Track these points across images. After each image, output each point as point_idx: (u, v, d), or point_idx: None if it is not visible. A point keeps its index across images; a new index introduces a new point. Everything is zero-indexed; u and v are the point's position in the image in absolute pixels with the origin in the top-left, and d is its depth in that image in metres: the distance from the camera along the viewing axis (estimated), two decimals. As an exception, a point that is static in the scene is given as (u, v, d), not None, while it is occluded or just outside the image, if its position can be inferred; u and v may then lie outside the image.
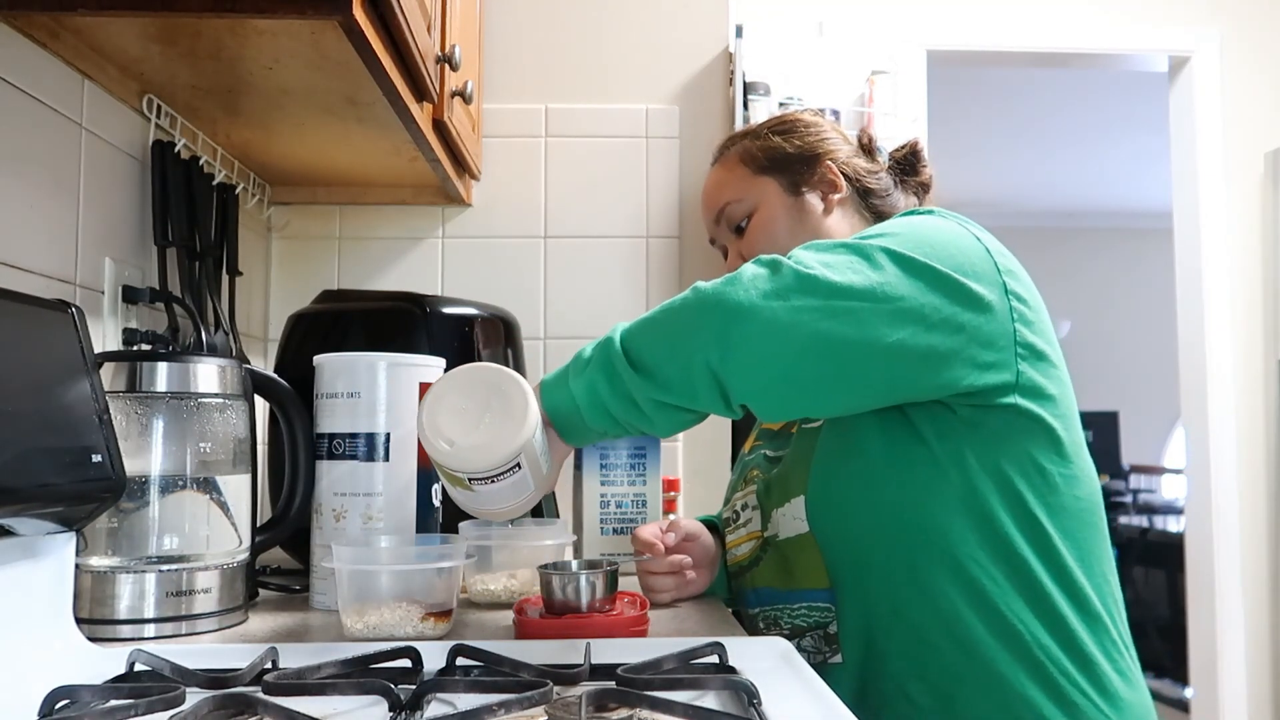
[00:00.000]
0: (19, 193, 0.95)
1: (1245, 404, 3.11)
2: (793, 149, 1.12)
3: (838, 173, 1.11)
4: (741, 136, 1.18)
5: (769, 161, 1.13)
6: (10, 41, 0.93)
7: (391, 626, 0.86)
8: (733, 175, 1.15)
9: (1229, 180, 3.14)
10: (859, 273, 0.83)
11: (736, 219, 1.14)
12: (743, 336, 0.80)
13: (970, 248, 0.90)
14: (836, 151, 1.12)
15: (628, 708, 0.61)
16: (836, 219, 1.11)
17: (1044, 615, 0.88)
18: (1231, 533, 3.06)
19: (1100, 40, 3.13)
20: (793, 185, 1.11)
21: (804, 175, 1.11)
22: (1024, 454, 0.90)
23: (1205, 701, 3.08)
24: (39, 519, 0.75)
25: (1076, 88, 4.38)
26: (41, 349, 0.76)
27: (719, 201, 1.16)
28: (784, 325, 0.80)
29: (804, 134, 1.14)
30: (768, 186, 1.12)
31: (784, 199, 1.11)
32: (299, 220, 1.70)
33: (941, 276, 0.85)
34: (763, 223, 1.12)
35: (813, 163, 1.11)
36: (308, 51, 1.02)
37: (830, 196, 1.11)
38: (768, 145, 1.14)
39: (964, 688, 0.88)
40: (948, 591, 0.88)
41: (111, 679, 0.68)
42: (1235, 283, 3.13)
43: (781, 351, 0.80)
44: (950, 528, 0.89)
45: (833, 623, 0.94)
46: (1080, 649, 0.89)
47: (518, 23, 1.75)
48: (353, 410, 0.99)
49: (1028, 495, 0.90)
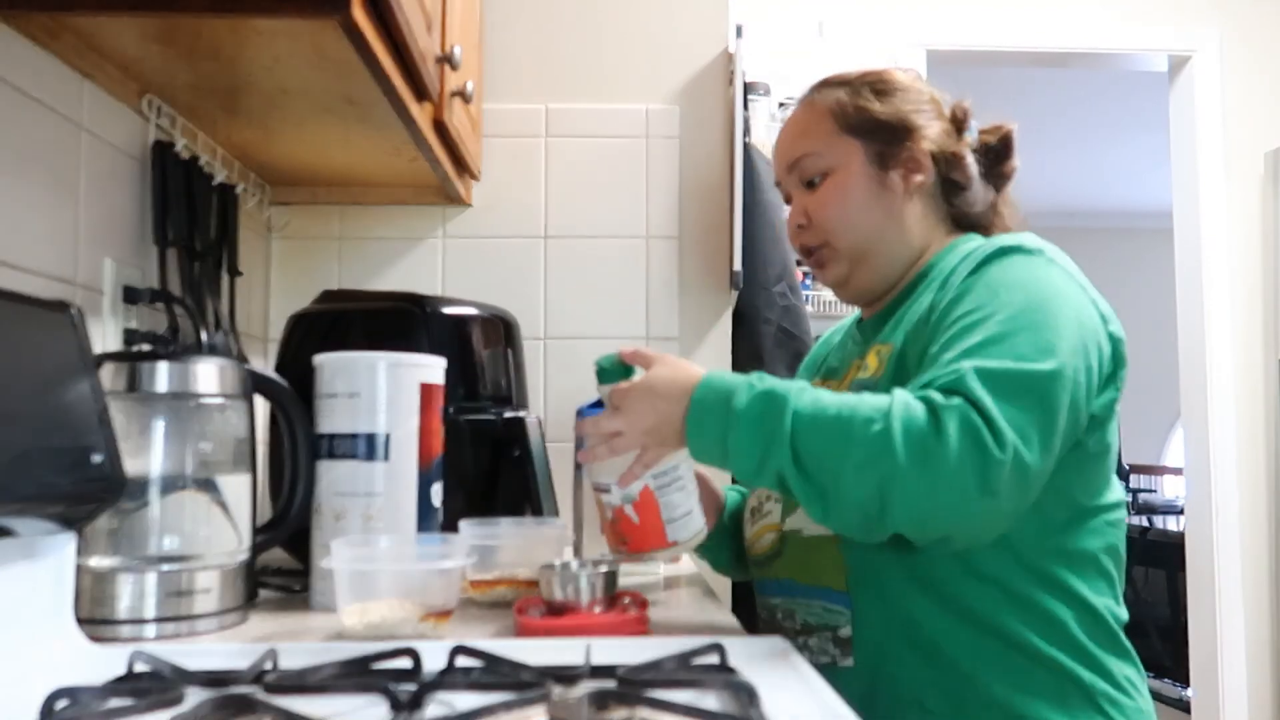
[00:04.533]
0: (19, 193, 0.95)
1: (1245, 404, 3.11)
2: (886, 116, 1.03)
3: (925, 154, 1.02)
4: (836, 84, 1.07)
5: (859, 122, 1.03)
6: (10, 41, 0.93)
7: (391, 626, 0.86)
8: (819, 126, 1.05)
9: (1229, 180, 3.14)
10: (1047, 447, 0.82)
11: (811, 173, 1.05)
12: (941, 520, 0.81)
13: (1092, 323, 0.90)
14: (928, 128, 1.03)
15: (628, 708, 0.61)
16: (913, 205, 1.03)
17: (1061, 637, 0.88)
18: (1231, 533, 3.06)
19: (1100, 40, 3.13)
20: (879, 156, 1.03)
21: (892, 148, 1.03)
22: (1060, 482, 0.88)
23: (1205, 701, 3.08)
24: (39, 519, 0.75)
25: (1076, 88, 4.38)
26: (41, 349, 0.76)
27: (796, 150, 1.06)
28: (978, 519, 0.82)
29: (901, 100, 1.04)
30: (853, 150, 1.03)
31: (867, 169, 1.03)
32: (299, 220, 1.70)
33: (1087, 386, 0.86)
34: (839, 188, 1.03)
35: (903, 136, 1.03)
36: (307, 51, 1.02)
37: (912, 178, 1.03)
38: (860, 104, 1.04)
39: (977, 700, 0.87)
40: (969, 606, 0.88)
41: (112, 679, 0.68)
42: (1235, 283, 3.13)
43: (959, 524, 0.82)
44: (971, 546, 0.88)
45: (845, 626, 0.92)
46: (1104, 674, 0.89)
47: (518, 23, 1.75)
48: (353, 410, 0.99)
49: (1056, 519, 0.89)
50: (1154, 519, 4.81)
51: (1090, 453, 0.91)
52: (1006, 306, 0.86)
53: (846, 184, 1.03)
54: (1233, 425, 3.10)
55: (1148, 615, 3.91)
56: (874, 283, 1.05)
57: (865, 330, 1.08)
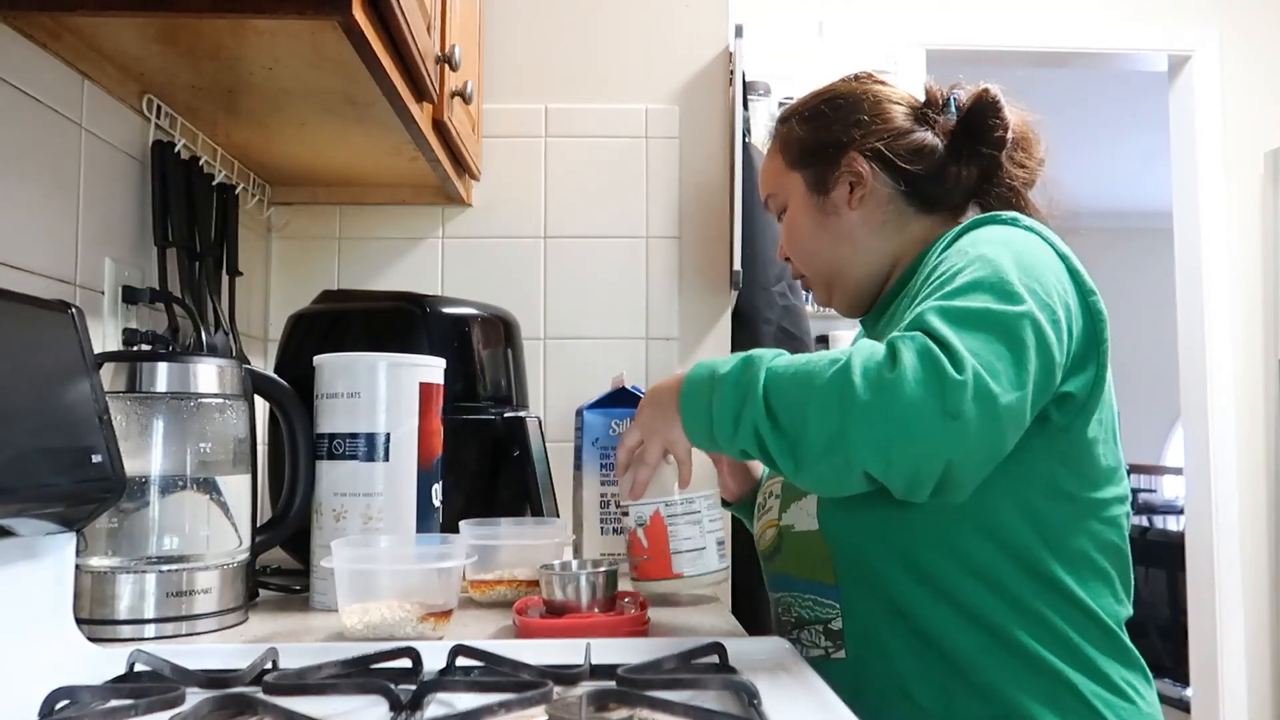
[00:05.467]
0: (19, 193, 0.95)
1: (1245, 404, 3.11)
2: (816, 140, 1.04)
3: (864, 165, 1.02)
4: (784, 118, 1.10)
5: (797, 154, 1.06)
6: (10, 41, 0.93)
7: (391, 626, 0.86)
8: (772, 164, 1.10)
9: (1229, 180, 3.14)
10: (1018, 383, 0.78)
11: (775, 211, 1.11)
12: (905, 452, 0.77)
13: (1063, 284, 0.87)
14: (867, 136, 1.02)
15: (628, 708, 0.61)
16: (867, 215, 1.03)
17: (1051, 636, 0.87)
18: (1231, 533, 3.06)
19: (1100, 40, 3.13)
20: (818, 182, 1.04)
21: (827, 169, 1.03)
22: (1045, 470, 0.87)
23: (1205, 701, 3.08)
24: (39, 519, 0.75)
25: (1076, 87, 4.38)
26: (41, 349, 0.76)
27: (763, 191, 1.12)
28: (944, 445, 0.76)
29: (830, 119, 1.04)
30: (795, 183, 1.06)
31: (808, 199, 1.05)
32: (299, 220, 1.70)
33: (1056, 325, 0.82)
34: (790, 223, 1.08)
35: (834, 154, 1.03)
36: (307, 51, 1.02)
37: (856, 192, 1.02)
38: (794, 135, 1.07)
39: (966, 694, 0.87)
40: (956, 599, 0.88)
41: (111, 679, 0.68)
42: (1235, 283, 3.13)
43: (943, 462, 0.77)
44: (958, 538, 0.87)
45: (836, 619, 0.93)
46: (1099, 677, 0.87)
47: (518, 23, 1.75)
48: (353, 410, 0.99)
49: (1044, 510, 0.88)
50: (1154, 519, 4.81)
51: (1073, 438, 0.88)
52: (974, 262, 0.85)
53: (795, 218, 1.07)
54: (1233, 425, 3.09)
55: (1148, 615, 3.92)
56: (853, 298, 1.07)
57: (867, 326, 1.11)
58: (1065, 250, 0.91)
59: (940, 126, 1.03)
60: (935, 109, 1.04)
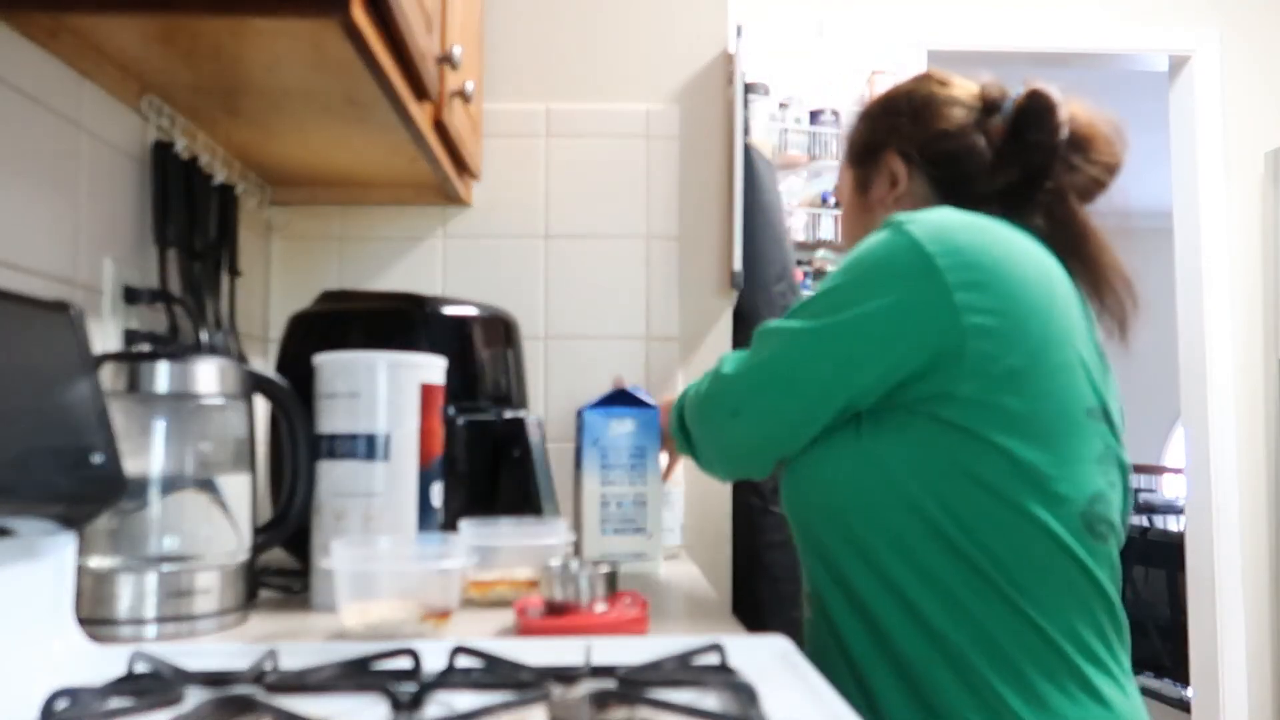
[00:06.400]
0: (19, 193, 0.95)
1: (1245, 404, 3.11)
2: (864, 140, 1.08)
3: (899, 166, 1.04)
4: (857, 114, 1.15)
5: (850, 152, 1.10)
6: (10, 41, 0.93)
7: (391, 626, 0.86)
8: (844, 159, 1.14)
9: (1229, 180, 3.14)
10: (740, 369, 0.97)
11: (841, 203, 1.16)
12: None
13: (904, 288, 0.87)
14: (909, 136, 1.03)
15: (628, 707, 0.61)
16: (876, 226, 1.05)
17: (968, 622, 0.86)
18: (1231, 533, 3.06)
19: (1100, 40, 3.13)
20: (863, 180, 1.08)
21: (869, 168, 1.07)
22: (955, 461, 0.86)
23: (1205, 701, 3.08)
24: (39, 519, 0.75)
25: (1076, 88, 4.38)
26: (41, 349, 0.76)
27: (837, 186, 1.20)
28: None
29: (877, 119, 1.07)
30: (847, 180, 1.11)
31: (854, 195, 1.09)
32: (299, 220, 1.70)
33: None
34: (843, 218, 1.14)
35: (874, 153, 1.06)
36: (308, 52, 1.02)
37: (893, 190, 1.04)
38: (853, 133, 1.10)
39: (887, 664, 0.90)
40: (882, 572, 0.89)
41: (112, 679, 0.68)
42: (1235, 283, 3.13)
43: None
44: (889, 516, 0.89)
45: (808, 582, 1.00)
46: (1014, 671, 0.84)
47: (518, 23, 1.75)
48: (353, 410, 0.99)
49: (961, 502, 0.86)
50: (1154, 519, 4.81)
51: (980, 437, 0.85)
52: (831, 279, 0.92)
53: (845, 212, 1.13)
54: (1233, 425, 3.10)
55: (1148, 615, 3.92)
56: None
57: None
58: (935, 249, 0.85)
59: (991, 128, 1.01)
60: (990, 110, 1.03)
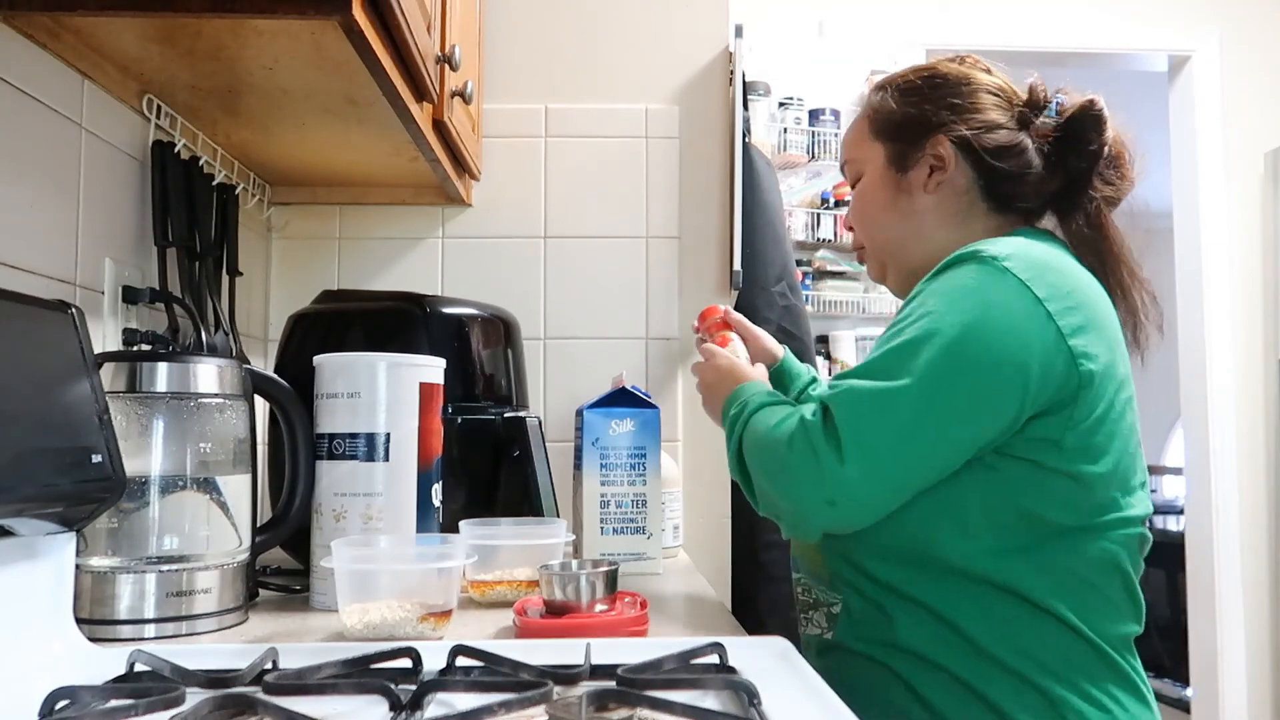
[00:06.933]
0: (19, 193, 0.95)
1: (1245, 404, 3.11)
2: (905, 116, 1.02)
3: (947, 150, 0.99)
4: (878, 87, 1.07)
5: (882, 125, 1.04)
6: (10, 41, 0.93)
7: (391, 626, 0.86)
8: (857, 131, 1.08)
9: (1229, 180, 3.14)
10: (893, 468, 0.85)
11: (852, 178, 1.09)
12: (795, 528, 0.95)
13: (1016, 344, 0.84)
14: (960, 121, 0.99)
15: (628, 708, 0.61)
16: (939, 203, 1.01)
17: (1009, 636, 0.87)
18: (1231, 533, 3.06)
19: (1100, 40, 3.13)
20: (899, 158, 1.02)
21: (912, 147, 1.01)
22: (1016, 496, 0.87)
23: (1205, 701, 3.08)
24: (39, 519, 0.75)
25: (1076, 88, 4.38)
26: (41, 349, 0.76)
27: (843, 156, 1.12)
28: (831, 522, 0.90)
29: (924, 96, 1.02)
30: (875, 154, 1.05)
31: (886, 172, 1.03)
32: (299, 220, 1.70)
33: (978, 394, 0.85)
34: (862, 192, 1.06)
35: (923, 134, 1.01)
36: (308, 51, 1.02)
37: (935, 176, 1.00)
38: (885, 106, 1.04)
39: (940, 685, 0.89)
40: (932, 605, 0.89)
41: (111, 679, 0.68)
42: (1235, 283, 3.13)
43: None
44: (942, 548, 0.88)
45: (836, 605, 0.96)
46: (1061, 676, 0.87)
47: (518, 23, 1.75)
48: (353, 410, 0.99)
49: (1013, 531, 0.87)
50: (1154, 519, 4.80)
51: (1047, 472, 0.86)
52: (921, 319, 0.87)
53: (868, 188, 1.06)
54: (1233, 425, 3.10)
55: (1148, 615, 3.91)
56: (904, 282, 1.05)
57: None
58: (1044, 293, 0.86)
59: (1036, 128, 1.00)
60: (1035, 109, 1.01)
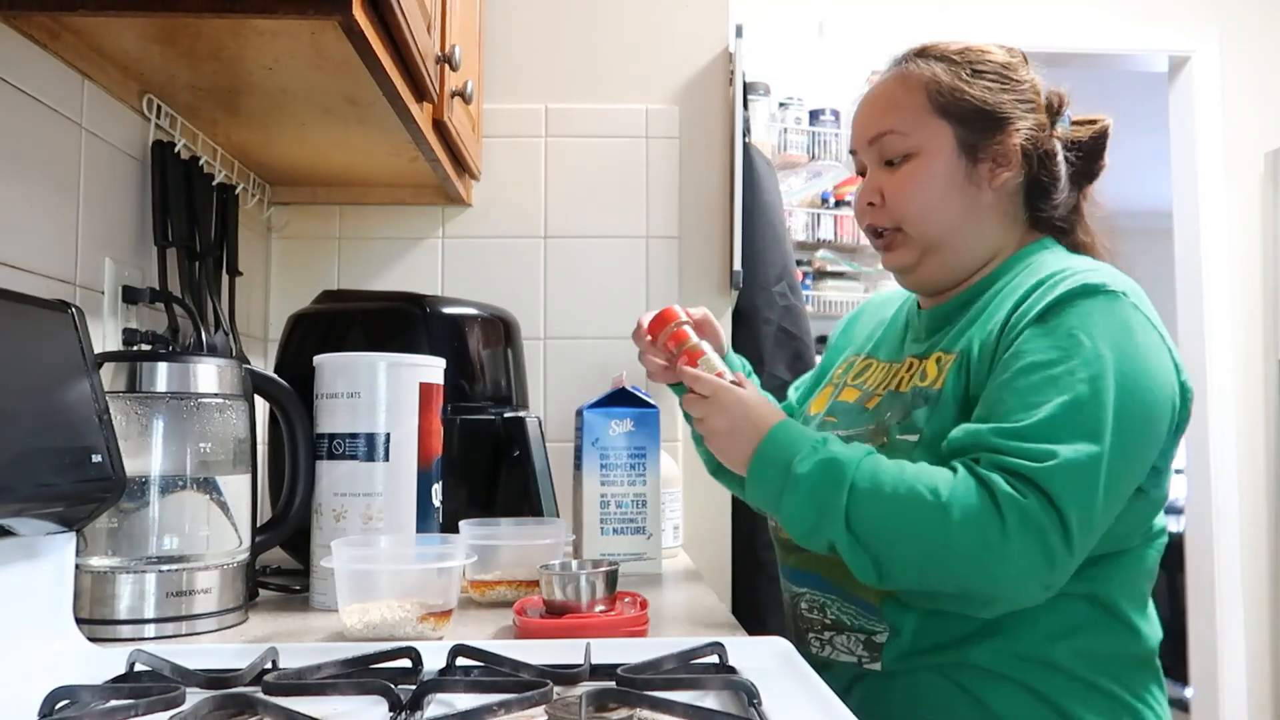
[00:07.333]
0: (19, 193, 0.95)
1: (1245, 404, 3.10)
2: (983, 102, 0.96)
3: (1016, 150, 0.96)
4: (934, 56, 0.98)
5: (954, 105, 0.96)
6: (10, 41, 0.93)
7: (391, 626, 0.86)
8: (910, 102, 0.97)
9: (1229, 180, 3.14)
10: (1091, 536, 0.82)
11: (893, 152, 0.98)
12: (1000, 605, 0.85)
13: (1168, 384, 0.86)
14: (1023, 120, 0.96)
15: (628, 708, 0.61)
16: (996, 203, 0.97)
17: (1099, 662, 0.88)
18: (1231, 533, 3.06)
19: (1100, 40, 3.13)
20: (969, 146, 0.95)
21: (983, 139, 0.96)
22: (1116, 529, 0.87)
23: (1205, 701, 3.08)
24: (39, 519, 0.75)
25: (1076, 88, 4.37)
26: (41, 349, 0.76)
27: (882, 125, 0.98)
28: (1022, 602, 0.84)
29: (1004, 86, 0.97)
30: (943, 134, 0.96)
31: (954, 158, 0.95)
32: (299, 220, 1.70)
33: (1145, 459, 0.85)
34: (923, 173, 0.96)
35: (996, 127, 0.96)
36: (308, 51, 1.02)
37: (999, 174, 0.96)
38: (958, 85, 0.96)
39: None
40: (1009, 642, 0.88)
41: (111, 679, 0.68)
42: (1235, 283, 3.13)
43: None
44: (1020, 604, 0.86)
45: (881, 634, 0.91)
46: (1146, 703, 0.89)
47: (518, 23, 1.75)
48: (353, 410, 0.99)
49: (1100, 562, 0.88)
50: (1154, 519, 4.80)
51: (1150, 499, 0.89)
52: (1078, 369, 0.82)
53: (931, 170, 0.96)
54: (1233, 425, 3.09)
55: (1148, 615, 3.90)
56: (940, 277, 1.00)
57: (925, 322, 1.03)
58: (1158, 320, 0.88)
59: (1063, 139, 1.00)
60: (1056, 117, 1.00)
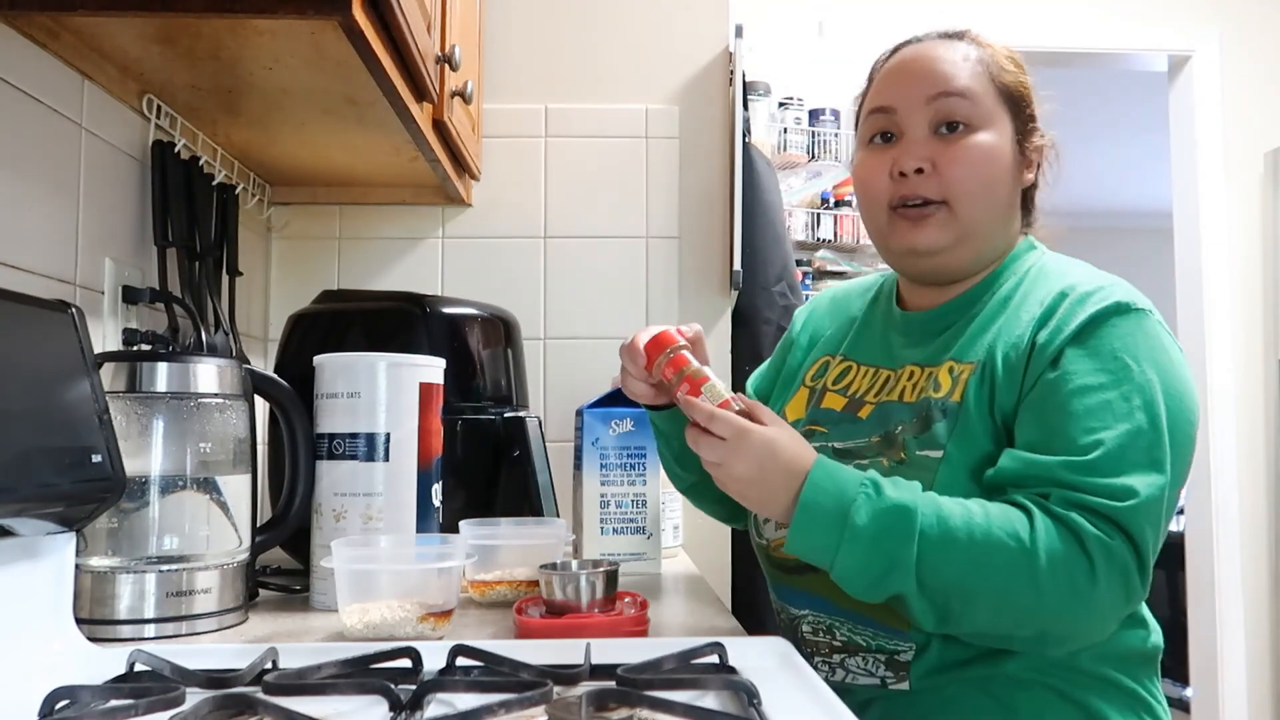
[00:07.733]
0: (19, 193, 0.95)
1: (1245, 404, 3.10)
2: (1025, 98, 0.96)
3: (1040, 151, 0.98)
4: (985, 44, 0.98)
5: (1013, 96, 0.95)
6: (10, 41, 0.93)
7: (391, 626, 0.86)
8: (981, 75, 0.94)
9: (1229, 180, 3.14)
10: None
11: (957, 116, 0.92)
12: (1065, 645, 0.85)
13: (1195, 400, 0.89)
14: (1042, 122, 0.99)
15: (628, 708, 0.61)
16: (1016, 201, 0.98)
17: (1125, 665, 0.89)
18: (1231, 533, 3.06)
19: (1100, 40, 3.13)
20: (1019, 138, 0.96)
21: (1023, 134, 0.96)
22: None
23: (1205, 701, 3.08)
24: (39, 519, 0.75)
25: (1076, 88, 4.38)
26: (41, 349, 0.76)
27: (953, 84, 0.92)
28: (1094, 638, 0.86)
29: (1030, 85, 0.98)
30: (1004, 120, 0.94)
31: (1011, 147, 0.94)
32: (299, 220, 1.70)
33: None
34: (990, 153, 0.92)
35: (1033, 124, 0.97)
36: (307, 51, 1.02)
37: (1026, 173, 0.97)
38: (1019, 79, 0.96)
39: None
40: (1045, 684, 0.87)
41: (111, 679, 0.68)
42: (1235, 283, 3.13)
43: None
44: None
45: (906, 653, 0.88)
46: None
47: (518, 23, 1.75)
48: (353, 410, 0.99)
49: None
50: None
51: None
52: (1135, 395, 0.83)
53: (996, 154, 0.92)
54: (1233, 425, 3.09)
55: (1148, 615, 3.90)
56: (962, 266, 0.96)
57: (919, 326, 0.99)
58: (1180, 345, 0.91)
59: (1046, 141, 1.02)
60: None
